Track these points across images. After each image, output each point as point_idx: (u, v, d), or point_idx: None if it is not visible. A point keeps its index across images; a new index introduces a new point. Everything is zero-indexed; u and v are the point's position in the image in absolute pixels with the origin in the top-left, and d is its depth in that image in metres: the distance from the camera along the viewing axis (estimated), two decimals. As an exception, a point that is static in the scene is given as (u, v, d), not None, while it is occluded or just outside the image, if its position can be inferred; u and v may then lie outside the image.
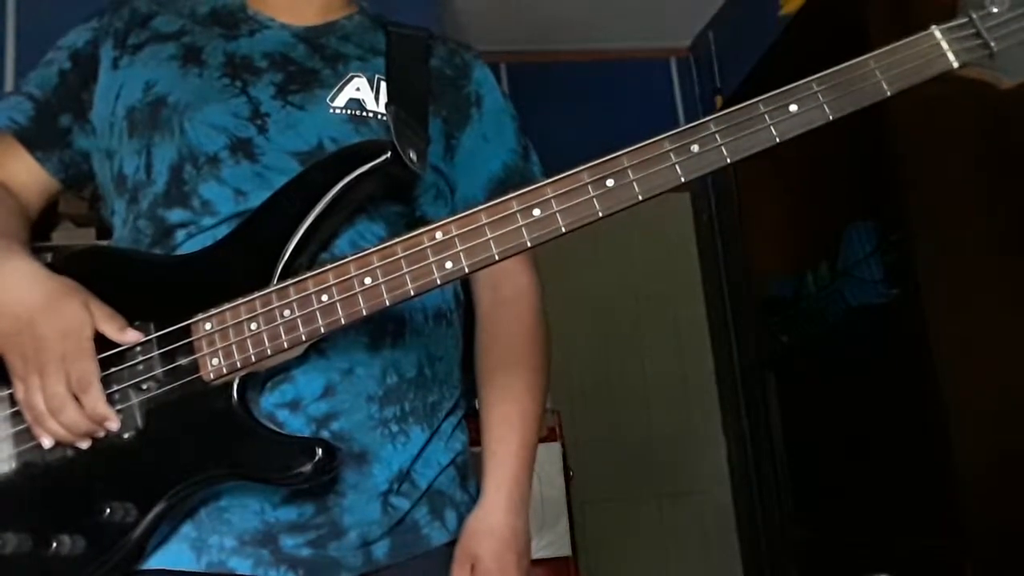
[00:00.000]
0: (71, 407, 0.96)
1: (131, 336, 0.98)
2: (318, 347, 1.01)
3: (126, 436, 0.98)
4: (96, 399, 0.96)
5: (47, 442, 0.98)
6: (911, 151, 2.58)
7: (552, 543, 3.13)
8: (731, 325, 4.06)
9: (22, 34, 3.07)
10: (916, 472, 2.63)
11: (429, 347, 1.12)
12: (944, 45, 0.94)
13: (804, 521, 3.32)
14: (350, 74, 1.14)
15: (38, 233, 1.16)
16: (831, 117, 0.92)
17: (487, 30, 3.86)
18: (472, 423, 1.20)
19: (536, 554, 3.09)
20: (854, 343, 2.95)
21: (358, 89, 1.13)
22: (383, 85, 1.14)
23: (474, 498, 1.16)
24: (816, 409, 3.24)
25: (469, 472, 1.18)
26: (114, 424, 0.97)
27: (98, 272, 1.04)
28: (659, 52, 4.40)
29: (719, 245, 4.13)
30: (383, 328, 1.06)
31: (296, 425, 1.01)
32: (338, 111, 1.10)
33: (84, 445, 0.98)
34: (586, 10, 3.98)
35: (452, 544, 1.11)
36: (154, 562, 0.99)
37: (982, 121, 2.53)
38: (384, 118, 1.10)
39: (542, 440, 3.29)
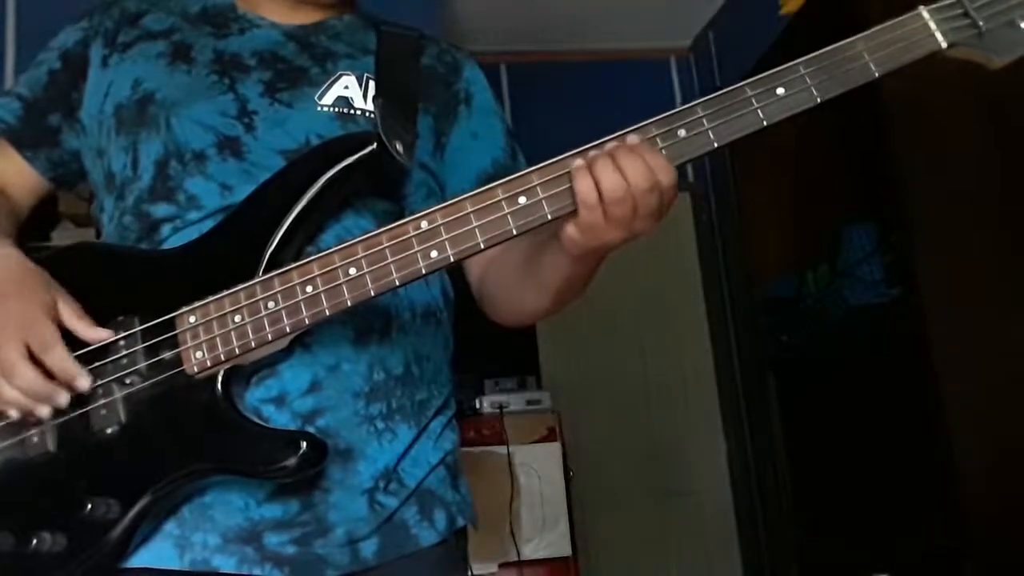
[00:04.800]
0: (25, 370, 0.94)
1: (99, 334, 0.98)
2: (304, 342, 1.00)
3: (108, 431, 0.97)
4: (60, 357, 0.95)
5: (13, 414, 0.97)
6: (911, 151, 2.58)
7: (552, 543, 3.12)
8: (731, 325, 4.06)
9: (22, 34, 3.08)
10: (916, 472, 2.62)
11: (417, 345, 1.11)
12: (932, 25, 0.94)
13: (804, 521, 3.31)
14: (339, 72, 1.13)
15: (38, 233, 1.15)
16: (819, 99, 0.92)
17: (487, 30, 3.86)
18: (469, 423, 1.18)
19: (536, 554, 3.09)
20: (854, 343, 2.95)
21: (346, 87, 1.12)
22: (371, 83, 1.13)
23: (465, 498, 1.14)
24: (816, 409, 3.24)
25: (460, 472, 1.16)
26: (84, 382, 0.96)
27: (84, 268, 1.04)
28: (659, 52, 4.39)
29: (719, 245, 4.12)
30: (370, 324, 1.05)
31: (281, 421, 1.00)
32: (326, 109, 1.10)
33: (45, 413, 0.96)
34: (586, 10, 3.97)
35: (441, 544, 1.09)
36: (137, 560, 0.97)
37: (982, 121, 2.53)
38: (372, 115, 1.10)
39: (542, 440, 3.30)
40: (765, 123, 0.91)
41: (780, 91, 0.92)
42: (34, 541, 0.94)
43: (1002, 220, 2.52)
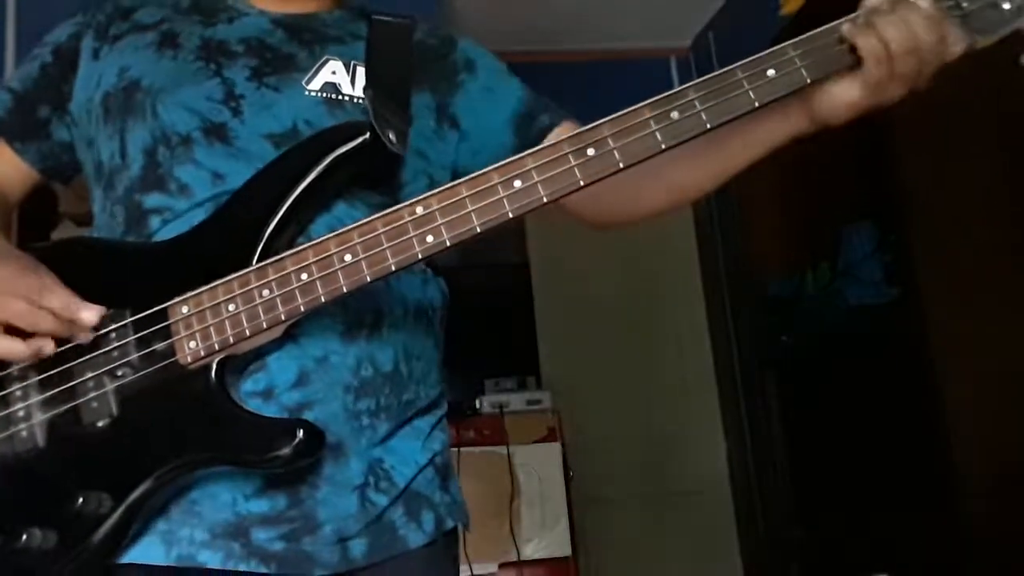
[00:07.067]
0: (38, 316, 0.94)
1: (95, 313, 0.97)
2: (291, 334, 0.99)
3: (100, 424, 0.96)
4: (65, 300, 0.95)
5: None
6: (911, 151, 2.58)
7: (552, 543, 3.12)
8: (731, 325, 4.04)
9: (22, 34, 3.07)
10: (916, 472, 2.62)
11: (407, 343, 1.09)
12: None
13: (804, 521, 3.31)
14: (326, 57, 1.13)
15: (38, 233, 1.16)
16: (809, 80, 0.94)
17: (487, 30, 3.83)
18: (469, 423, 1.18)
19: (536, 554, 3.09)
20: (854, 343, 2.94)
21: (334, 72, 1.12)
22: (359, 70, 1.13)
23: (455, 499, 1.13)
24: (816, 409, 3.23)
25: (450, 473, 1.15)
26: (92, 315, 0.96)
27: (75, 262, 1.03)
28: (659, 52, 4.39)
29: (719, 245, 4.11)
30: (360, 318, 1.04)
31: (270, 415, 0.98)
32: (313, 94, 1.09)
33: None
34: (586, 10, 3.97)
35: (430, 546, 1.08)
36: (124, 556, 0.96)
37: (981, 121, 2.53)
38: (360, 102, 1.09)
39: (542, 440, 3.30)
40: (757, 104, 0.94)
41: (771, 72, 0.94)
42: (24, 537, 0.93)
43: (1002, 220, 2.51)
